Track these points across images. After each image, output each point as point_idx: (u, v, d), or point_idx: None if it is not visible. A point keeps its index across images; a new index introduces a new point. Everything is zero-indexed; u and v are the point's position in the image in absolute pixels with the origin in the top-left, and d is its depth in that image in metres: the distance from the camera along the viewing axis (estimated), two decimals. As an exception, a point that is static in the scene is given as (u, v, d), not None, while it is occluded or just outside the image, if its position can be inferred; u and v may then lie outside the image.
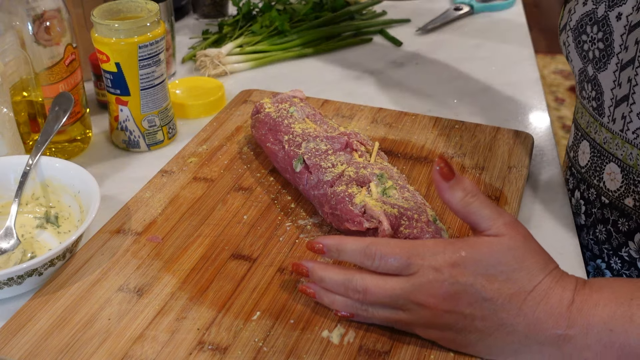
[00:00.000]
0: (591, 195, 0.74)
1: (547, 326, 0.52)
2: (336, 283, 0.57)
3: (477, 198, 0.55)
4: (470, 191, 0.55)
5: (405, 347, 0.58)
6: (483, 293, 0.52)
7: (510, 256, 0.53)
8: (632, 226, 0.69)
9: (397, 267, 0.54)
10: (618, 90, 0.65)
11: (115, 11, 0.83)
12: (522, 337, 0.53)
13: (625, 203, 0.68)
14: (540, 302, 0.52)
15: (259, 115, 0.81)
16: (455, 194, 0.55)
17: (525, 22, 1.27)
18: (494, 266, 0.52)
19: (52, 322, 0.60)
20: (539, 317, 0.52)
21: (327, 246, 0.57)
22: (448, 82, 1.06)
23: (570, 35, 0.72)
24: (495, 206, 0.55)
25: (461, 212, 0.55)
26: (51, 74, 0.80)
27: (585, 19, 0.69)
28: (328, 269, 0.58)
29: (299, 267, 0.60)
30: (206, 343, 0.58)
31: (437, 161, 0.55)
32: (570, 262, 0.69)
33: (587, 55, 0.69)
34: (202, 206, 0.74)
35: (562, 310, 0.52)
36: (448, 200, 0.55)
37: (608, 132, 0.68)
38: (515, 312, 0.52)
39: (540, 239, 0.56)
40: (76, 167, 0.73)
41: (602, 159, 0.70)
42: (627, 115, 0.64)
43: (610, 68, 0.66)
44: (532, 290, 0.52)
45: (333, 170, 0.70)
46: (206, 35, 1.18)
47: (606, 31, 0.66)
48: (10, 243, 0.70)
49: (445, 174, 0.55)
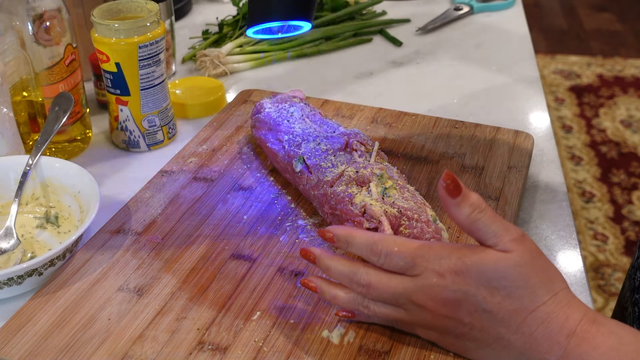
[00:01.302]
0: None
1: (542, 349, 0.51)
2: (341, 273, 0.57)
3: (484, 214, 0.53)
4: (477, 207, 0.53)
5: (405, 347, 0.58)
6: (484, 304, 0.52)
7: (516, 273, 0.51)
8: None
9: (401, 266, 0.54)
10: None
11: (115, 11, 0.83)
12: (517, 354, 0.53)
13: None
14: (541, 324, 0.51)
15: (259, 115, 0.81)
16: (462, 210, 0.53)
17: (525, 22, 1.27)
18: (498, 280, 0.52)
19: (52, 322, 0.60)
20: (536, 338, 0.52)
21: (337, 236, 0.57)
22: (448, 82, 1.06)
23: None
24: (502, 221, 0.53)
25: (467, 228, 0.54)
26: (51, 74, 0.80)
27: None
28: (335, 258, 0.58)
29: (307, 253, 0.59)
30: (206, 343, 0.58)
31: (443, 177, 0.53)
32: (570, 262, 0.70)
33: None
34: (202, 206, 0.74)
35: (560, 339, 0.51)
36: (454, 216, 0.54)
37: None
38: (514, 328, 0.52)
39: (539, 239, 0.56)
40: (76, 167, 0.73)
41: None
42: None
43: None
44: (534, 310, 0.52)
45: (333, 170, 0.70)
46: (206, 35, 1.18)
47: None
48: (10, 243, 0.70)
49: (452, 191, 0.53)
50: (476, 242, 0.54)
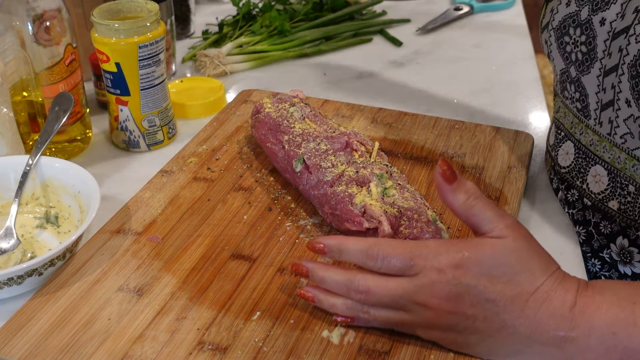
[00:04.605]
0: (572, 197, 0.73)
1: (549, 328, 0.52)
2: (337, 283, 0.57)
3: (479, 200, 0.54)
4: (472, 193, 0.54)
5: (405, 347, 0.58)
6: (486, 294, 0.52)
7: (513, 258, 0.53)
8: (614, 229, 0.68)
9: (399, 268, 0.54)
10: (603, 95, 0.64)
11: (115, 11, 0.83)
12: (524, 338, 0.53)
13: (609, 206, 0.68)
14: (543, 304, 0.52)
15: (259, 115, 0.81)
16: (457, 196, 0.55)
17: (525, 22, 1.27)
18: (497, 267, 0.52)
19: (52, 322, 0.60)
20: (541, 319, 0.52)
21: (329, 246, 0.57)
22: (448, 82, 1.06)
23: (553, 35, 0.70)
24: (497, 208, 0.55)
25: (463, 214, 0.55)
26: (51, 74, 0.80)
27: (568, 20, 0.68)
28: (329, 269, 0.58)
29: (298, 268, 0.59)
30: (206, 343, 0.58)
31: (439, 164, 0.55)
32: (570, 262, 0.69)
33: (570, 57, 0.68)
34: (202, 206, 0.74)
35: (565, 312, 0.52)
36: (450, 202, 0.55)
37: (595, 135, 0.67)
38: (518, 313, 0.52)
39: (540, 239, 0.56)
40: (76, 167, 0.73)
41: (588, 161, 0.69)
42: (613, 120, 0.64)
43: (593, 72, 0.65)
44: (534, 292, 0.52)
45: (333, 170, 0.70)
46: (206, 35, 1.18)
47: (589, 35, 0.65)
48: (10, 243, 0.70)
49: (448, 177, 0.55)
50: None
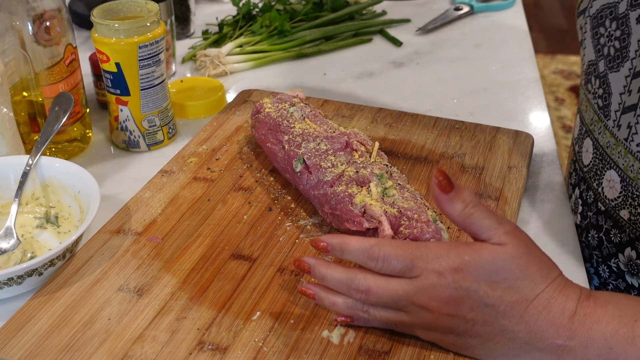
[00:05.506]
0: (589, 198, 0.73)
1: (548, 335, 0.52)
2: (338, 281, 0.57)
3: (477, 209, 0.54)
4: (470, 202, 0.54)
5: (405, 348, 0.58)
6: (485, 299, 0.52)
7: (514, 264, 0.52)
8: (624, 239, 0.68)
9: (400, 269, 0.54)
10: (627, 97, 0.63)
11: (115, 11, 0.83)
12: (522, 344, 0.53)
13: (621, 214, 0.67)
14: (543, 311, 0.52)
15: (259, 115, 0.81)
16: (455, 205, 0.54)
17: (525, 22, 1.27)
18: (497, 273, 0.52)
19: (52, 322, 0.60)
20: (540, 325, 0.52)
21: (331, 245, 0.57)
22: (448, 82, 1.06)
23: (589, 23, 0.68)
24: (495, 215, 0.54)
25: (461, 223, 0.55)
26: (51, 74, 0.80)
27: (605, 10, 0.65)
28: (331, 267, 0.58)
29: (301, 263, 0.59)
30: (206, 343, 0.58)
31: (435, 174, 0.54)
32: (570, 263, 0.69)
33: (602, 50, 0.66)
34: (202, 206, 0.74)
35: (564, 321, 0.52)
36: (448, 212, 0.55)
37: (612, 137, 0.66)
38: (517, 319, 0.52)
39: (539, 240, 0.56)
40: (76, 167, 0.73)
41: (604, 163, 0.68)
42: (633, 125, 0.63)
43: (622, 72, 0.63)
44: (534, 298, 0.52)
45: (333, 170, 0.70)
46: (206, 35, 1.18)
47: (624, 31, 0.63)
48: (10, 243, 0.70)
49: (444, 187, 0.54)
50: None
